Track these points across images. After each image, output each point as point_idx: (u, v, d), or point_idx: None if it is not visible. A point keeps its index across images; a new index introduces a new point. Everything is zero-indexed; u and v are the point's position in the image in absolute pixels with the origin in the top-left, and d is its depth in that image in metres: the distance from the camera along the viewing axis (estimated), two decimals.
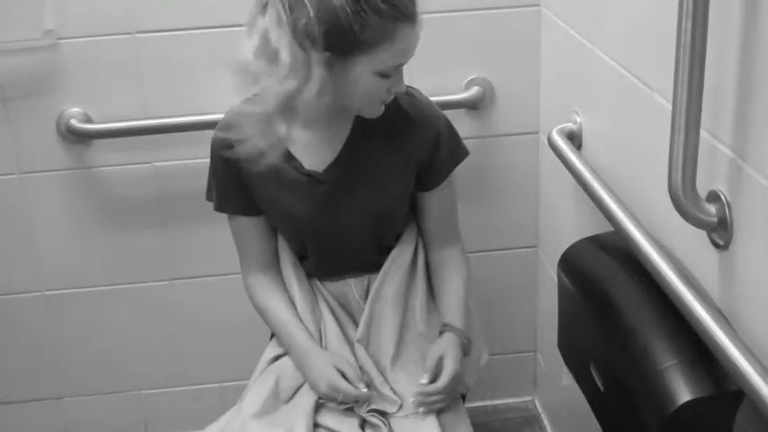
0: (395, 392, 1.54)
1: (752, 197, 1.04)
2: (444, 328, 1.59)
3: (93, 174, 1.98)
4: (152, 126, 1.91)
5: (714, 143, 1.12)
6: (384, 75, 1.38)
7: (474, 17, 1.91)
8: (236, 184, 1.55)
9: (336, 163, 1.53)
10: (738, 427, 1.12)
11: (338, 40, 1.33)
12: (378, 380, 1.54)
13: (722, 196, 1.10)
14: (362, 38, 1.33)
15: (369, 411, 1.51)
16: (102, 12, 1.84)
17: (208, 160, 1.97)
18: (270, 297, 1.63)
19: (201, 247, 2.07)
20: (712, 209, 1.11)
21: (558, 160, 1.66)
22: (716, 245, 1.14)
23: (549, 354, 2.10)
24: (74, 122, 1.90)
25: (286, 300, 1.62)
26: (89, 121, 1.92)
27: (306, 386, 1.55)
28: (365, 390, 1.50)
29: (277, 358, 1.62)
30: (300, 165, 1.52)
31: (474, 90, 1.95)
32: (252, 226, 1.61)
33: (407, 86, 1.56)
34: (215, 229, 2.05)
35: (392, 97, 1.45)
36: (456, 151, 1.61)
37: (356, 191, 1.54)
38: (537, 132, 2.03)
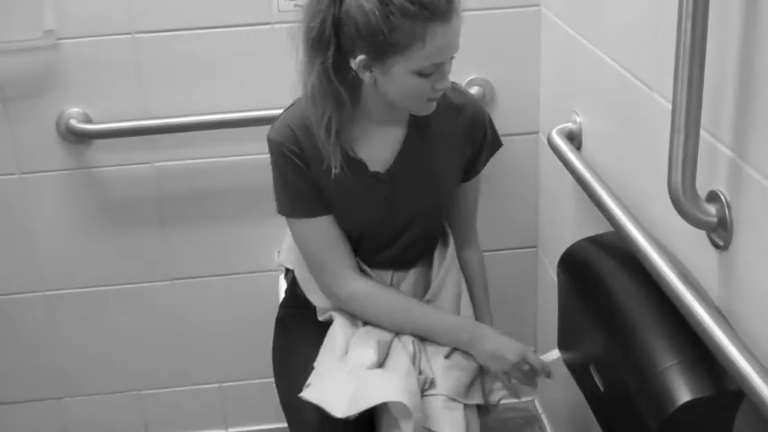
0: (432, 372, 1.54)
1: (752, 197, 1.04)
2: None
3: (93, 174, 1.98)
4: (152, 126, 1.91)
5: (714, 143, 1.12)
6: (423, 74, 1.38)
7: (474, 17, 1.90)
8: (308, 183, 1.52)
9: (397, 162, 1.55)
10: (738, 427, 1.12)
11: (371, 44, 1.34)
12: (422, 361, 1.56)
13: (722, 196, 1.10)
14: (393, 41, 1.33)
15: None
16: (102, 12, 1.84)
17: (207, 160, 1.98)
18: (389, 298, 1.59)
19: (201, 247, 2.07)
20: (712, 209, 1.11)
21: (557, 160, 1.66)
22: (716, 245, 1.14)
23: None
24: (74, 122, 1.90)
25: (402, 295, 1.61)
26: (89, 121, 1.92)
27: (397, 351, 1.53)
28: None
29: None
30: (365, 166, 1.53)
31: (474, 90, 1.95)
32: (334, 223, 1.56)
33: (452, 82, 1.57)
34: (215, 229, 2.05)
35: (439, 94, 1.44)
36: (494, 143, 1.65)
37: (416, 187, 1.57)
38: (537, 132, 2.03)
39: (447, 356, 1.57)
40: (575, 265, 1.48)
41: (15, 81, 1.88)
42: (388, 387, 1.43)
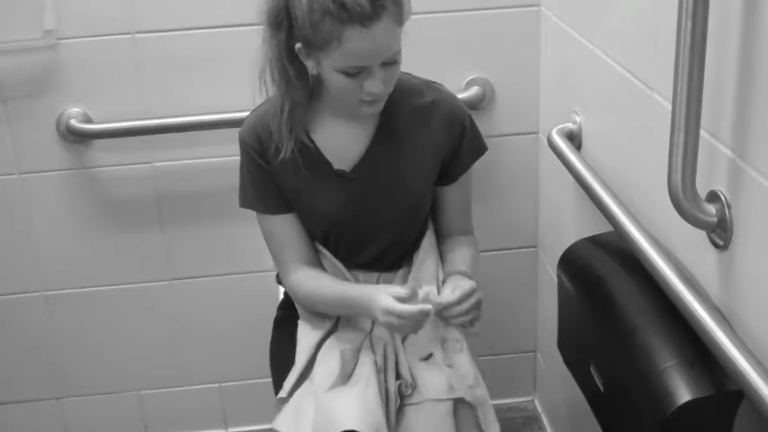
0: (412, 376, 1.54)
1: (752, 197, 1.04)
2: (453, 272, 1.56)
3: (93, 174, 1.98)
4: (152, 126, 1.91)
5: (714, 143, 1.12)
6: (348, 74, 1.38)
7: (474, 17, 1.91)
8: (272, 182, 1.56)
9: (364, 161, 1.54)
10: (738, 427, 1.12)
11: (303, 34, 1.37)
12: (403, 364, 1.55)
13: (722, 196, 1.10)
14: (314, 35, 1.35)
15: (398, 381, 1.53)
16: (102, 12, 1.84)
17: (207, 160, 1.98)
18: (319, 280, 1.59)
19: (201, 247, 2.07)
20: (712, 209, 1.11)
21: (558, 160, 1.66)
22: (716, 245, 1.14)
23: (549, 354, 2.10)
24: (73, 122, 1.90)
25: (332, 278, 1.60)
26: (89, 121, 1.92)
27: (363, 360, 1.53)
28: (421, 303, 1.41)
29: (320, 344, 1.59)
30: (330, 164, 1.54)
31: (474, 90, 1.95)
32: (295, 221, 1.59)
33: (432, 81, 1.59)
34: (215, 229, 2.05)
35: (372, 98, 1.43)
36: (477, 146, 1.63)
37: (384, 187, 1.56)
38: (537, 132, 2.03)
39: (425, 359, 1.56)
40: (574, 265, 1.48)
41: (15, 81, 1.88)
42: (345, 414, 1.43)
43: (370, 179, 1.55)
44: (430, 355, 1.57)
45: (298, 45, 1.40)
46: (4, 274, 2.05)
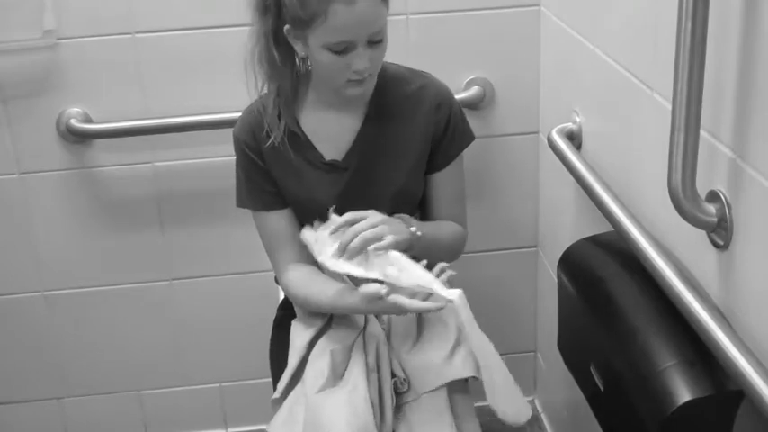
0: (405, 372, 1.53)
1: (752, 197, 1.04)
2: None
3: (93, 174, 1.98)
4: (152, 126, 1.91)
5: (714, 143, 1.12)
6: (334, 51, 1.40)
7: (474, 17, 1.91)
8: (266, 178, 1.57)
9: (354, 149, 1.56)
10: (738, 426, 1.12)
11: (290, 13, 1.39)
12: (395, 362, 1.55)
13: (722, 196, 1.10)
14: (302, 13, 1.37)
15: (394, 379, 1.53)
16: (102, 12, 1.84)
17: (207, 160, 1.98)
18: (312, 284, 1.58)
19: (201, 247, 2.07)
20: (712, 209, 1.11)
21: (558, 160, 1.66)
22: (716, 245, 1.14)
23: (549, 354, 2.10)
24: (73, 122, 1.90)
25: (329, 279, 1.59)
26: (89, 120, 1.92)
27: (354, 360, 1.53)
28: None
29: (312, 343, 1.59)
30: (321, 155, 1.56)
31: (474, 90, 1.95)
32: (289, 217, 1.60)
33: (420, 71, 1.60)
34: (215, 230, 2.05)
35: (360, 77, 1.44)
36: (465, 133, 1.63)
37: (376, 173, 1.57)
38: (537, 132, 2.03)
39: (408, 352, 1.55)
40: (574, 265, 1.48)
41: (15, 81, 1.88)
42: (333, 417, 1.43)
43: (361, 167, 1.56)
44: (412, 347, 1.56)
45: (286, 27, 1.42)
46: (4, 274, 2.05)
